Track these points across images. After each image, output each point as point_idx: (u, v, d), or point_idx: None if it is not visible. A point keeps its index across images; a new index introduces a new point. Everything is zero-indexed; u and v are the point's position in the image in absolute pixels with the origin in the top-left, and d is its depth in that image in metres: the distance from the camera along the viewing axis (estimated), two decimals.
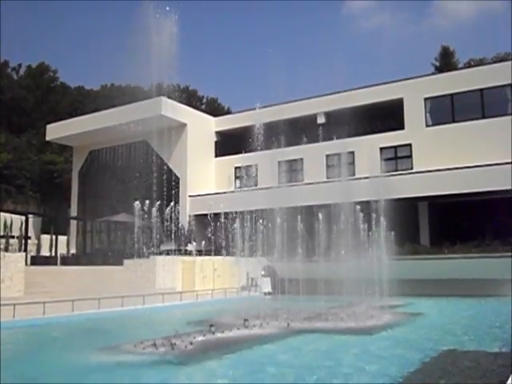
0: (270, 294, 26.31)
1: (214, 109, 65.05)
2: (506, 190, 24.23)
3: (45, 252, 26.64)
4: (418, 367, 8.29)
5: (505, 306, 18.50)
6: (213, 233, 30.73)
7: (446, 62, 57.45)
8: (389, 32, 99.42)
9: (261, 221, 28.19)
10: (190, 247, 29.48)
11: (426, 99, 30.02)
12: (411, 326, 13.83)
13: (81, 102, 62.94)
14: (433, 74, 39.94)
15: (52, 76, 69.04)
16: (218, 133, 37.70)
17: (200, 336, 10.98)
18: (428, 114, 30.00)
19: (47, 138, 40.06)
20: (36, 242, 27.23)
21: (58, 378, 8.08)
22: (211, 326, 11.66)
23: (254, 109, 35.05)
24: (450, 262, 23.05)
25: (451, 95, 29.27)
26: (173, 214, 31.73)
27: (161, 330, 12.73)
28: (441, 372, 8.17)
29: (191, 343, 10.15)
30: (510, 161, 24.39)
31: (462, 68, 42.37)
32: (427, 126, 29.84)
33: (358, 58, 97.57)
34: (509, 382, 5.29)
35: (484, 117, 28.08)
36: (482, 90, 28.32)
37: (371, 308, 16.89)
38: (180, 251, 28.03)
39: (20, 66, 68.43)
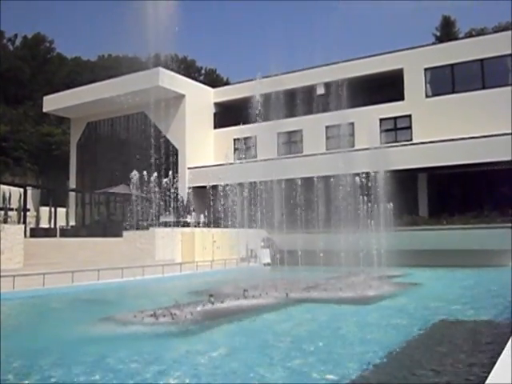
0: (269, 264, 26.47)
1: (213, 80, 64.49)
2: (506, 161, 24.18)
3: (44, 224, 26.67)
4: (415, 336, 8.35)
5: (502, 276, 18.63)
6: (212, 205, 30.74)
7: (447, 32, 56.78)
8: (390, 2, 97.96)
9: (260, 192, 28.18)
10: (189, 219, 29.53)
11: (426, 70, 29.74)
12: (409, 296, 13.92)
13: (78, 73, 62.32)
14: (433, 44, 39.49)
15: (48, 47, 68.24)
16: (216, 104, 37.43)
17: (200, 306, 11.04)
18: (428, 85, 29.76)
19: (44, 110, 39.75)
20: (35, 214, 27.23)
21: (57, 348, 8.12)
22: (211, 296, 11.72)
23: (253, 80, 34.73)
24: (448, 233, 23.16)
25: (451, 65, 28.99)
26: (172, 186, 31.71)
27: (160, 300, 12.80)
28: (437, 341, 8.23)
29: (191, 313, 10.20)
30: (509, 132, 24.26)
31: (462, 38, 41.87)
32: (427, 96, 29.63)
33: (359, 28, 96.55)
34: (505, 351, 5.32)
35: (484, 87, 27.87)
36: (482, 60, 28.04)
37: (369, 278, 16.97)
38: (179, 223, 28.07)
39: (16, 36, 67.55)
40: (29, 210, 27.53)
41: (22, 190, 25.91)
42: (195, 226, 27.26)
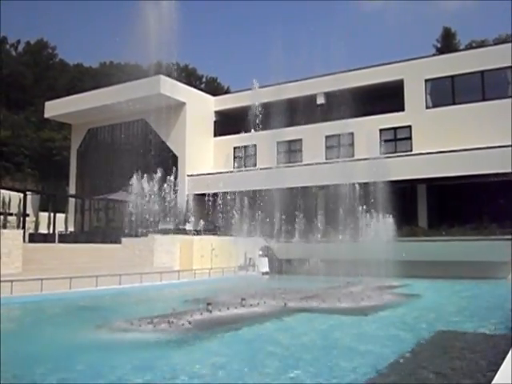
0: (267, 273, 26.43)
1: (214, 88, 64.65)
2: (505, 173, 24.21)
3: (43, 229, 26.63)
4: (413, 348, 8.33)
5: (501, 288, 18.63)
6: (211, 212, 30.72)
7: (448, 44, 57.04)
8: (390, 12, 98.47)
9: (259, 201, 28.17)
10: (187, 226, 29.52)
11: (426, 81, 29.83)
12: (407, 307, 13.89)
13: (79, 80, 62.53)
14: (434, 55, 39.66)
15: (51, 53, 68.52)
16: (217, 112, 37.50)
17: (197, 314, 11.03)
18: (428, 96, 29.84)
19: (46, 116, 39.84)
20: (34, 219, 27.19)
21: (53, 355, 8.10)
22: (208, 304, 11.70)
23: (254, 89, 34.80)
24: (447, 244, 23.12)
25: (452, 77, 29.07)
26: (171, 193, 31.70)
27: (158, 307, 12.80)
28: (435, 353, 8.21)
29: (188, 321, 10.19)
30: (509, 144, 24.30)
31: (463, 50, 42.04)
32: (427, 107, 29.70)
33: (359, 39, 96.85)
34: (504, 363, 5.31)
35: (484, 99, 27.93)
36: (482, 72, 28.13)
37: (368, 289, 16.97)
38: (178, 230, 28.06)
39: (19, 42, 67.82)
40: (28, 215, 27.51)
41: (21, 195, 25.92)
42: (194, 234, 27.24)
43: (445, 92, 29.31)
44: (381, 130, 30.67)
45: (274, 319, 11.37)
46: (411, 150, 29.19)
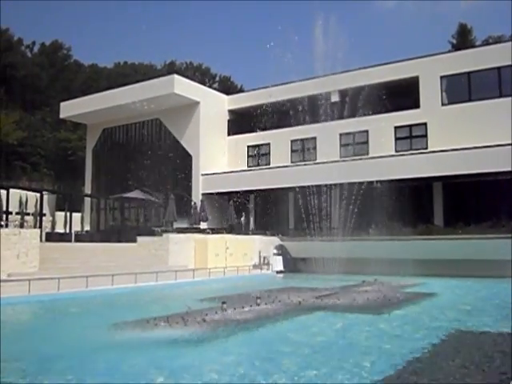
0: (281, 272, 26.42)
1: (227, 87, 64.72)
2: None
3: (59, 229, 26.88)
4: (429, 347, 8.26)
5: None
6: (225, 211, 30.77)
7: (463, 40, 56.52)
8: (406, 9, 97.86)
9: (273, 200, 28.18)
10: (202, 225, 29.61)
11: (442, 77, 29.56)
12: (423, 306, 13.79)
13: (94, 80, 63.03)
14: (449, 51, 39.28)
15: (66, 54, 69.09)
16: (230, 111, 37.52)
17: (212, 313, 11.04)
18: (444, 93, 29.58)
19: (61, 116, 40.21)
20: (51, 218, 27.45)
21: (70, 353, 8.15)
22: (223, 303, 11.71)
23: (268, 87, 34.85)
24: (463, 243, 22.89)
25: (468, 73, 28.78)
26: (185, 192, 31.77)
27: (173, 306, 12.82)
28: (451, 352, 8.14)
29: (204, 320, 10.21)
30: None
31: (479, 46, 41.59)
32: (443, 104, 29.44)
33: (374, 35, 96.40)
34: None
35: (501, 95, 27.61)
36: (499, 68, 27.82)
37: (384, 287, 16.87)
38: (193, 229, 28.15)
39: (34, 43, 68.48)
40: (45, 214, 27.81)
41: (38, 194, 26.19)
42: (208, 233, 27.30)
43: (461, 89, 29.02)
44: (396, 128, 30.47)
45: (288, 318, 11.35)
46: (427, 148, 28.96)
